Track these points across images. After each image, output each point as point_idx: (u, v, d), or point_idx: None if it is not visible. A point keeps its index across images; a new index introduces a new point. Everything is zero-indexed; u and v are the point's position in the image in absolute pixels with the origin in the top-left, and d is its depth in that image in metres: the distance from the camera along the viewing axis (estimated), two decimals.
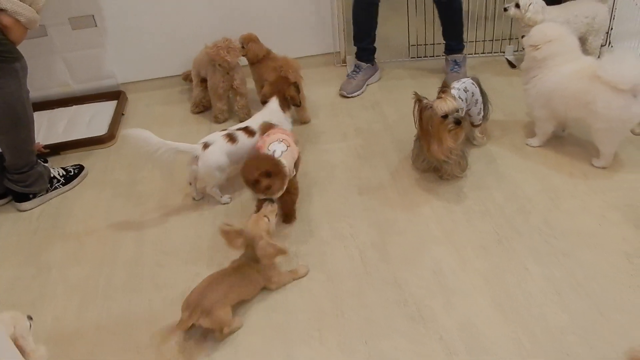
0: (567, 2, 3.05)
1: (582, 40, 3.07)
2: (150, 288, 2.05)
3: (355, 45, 3.19)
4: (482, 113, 2.50)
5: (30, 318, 1.50)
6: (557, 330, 1.73)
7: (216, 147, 2.28)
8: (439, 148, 2.22)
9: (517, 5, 2.90)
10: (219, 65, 2.79)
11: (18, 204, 2.51)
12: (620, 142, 2.35)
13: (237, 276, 1.87)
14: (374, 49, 3.18)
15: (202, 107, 3.08)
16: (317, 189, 2.44)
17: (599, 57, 3.02)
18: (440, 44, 3.24)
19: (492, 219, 2.18)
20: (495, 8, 3.35)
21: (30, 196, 2.50)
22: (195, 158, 2.26)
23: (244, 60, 2.94)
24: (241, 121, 2.57)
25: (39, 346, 1.47)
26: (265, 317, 1.89)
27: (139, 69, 3.32)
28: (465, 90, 2.39)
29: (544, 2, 2.90)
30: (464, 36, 3.12)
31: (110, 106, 3.15)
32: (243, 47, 2.88)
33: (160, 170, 2.60)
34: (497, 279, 1.93)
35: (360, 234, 2.18)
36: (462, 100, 2.36)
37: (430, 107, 2.17)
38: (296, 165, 2.21)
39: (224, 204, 2.41)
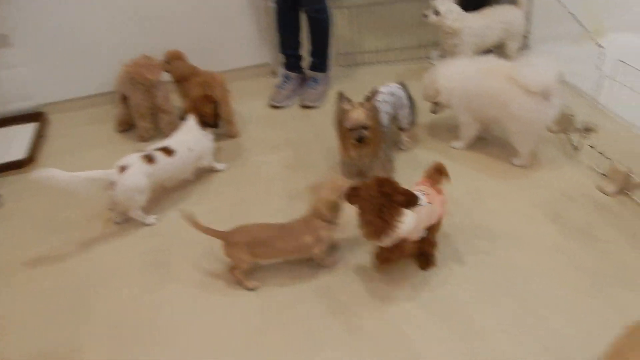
0: (485, 9, 3.17)
1: (501, 45, 3.21)
2: (74, 320, 1.96)
3: (280, 53, 3.19)
4: (409, 118, 2.55)
5: None
6: (483, 331, 1.77)
7: (134, 170, 2.21)
8: (345, 153, 2.28)
9: (437, 13, 2.99)
10: (140, 83, 2.72)
11: None
12: (536, 141, 2.45)
13: (284, 231, 1.95)
14: (300, 57, 3.19)
15: (127, 125, 2.99)
16: (249, 203, 2.41)
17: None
18: (370, 52, 3.30)
19: None
20: (419, 14, 3.44)
21: None
22: (112, 183, 2.19)
23: (168, 75, 2.88)
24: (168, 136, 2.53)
25: None
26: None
27: (60, 88, 3.19)
28: (392, 95, 2.44)
29: (461, 9, 3.00)
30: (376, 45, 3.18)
31: (29, 128, 3.01)
32: (168, 64, 2.83)
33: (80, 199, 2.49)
34: (424, 281, 1.96)
35: None
36: (389, 104, 2.40)
37: (344, 112, 2.20)
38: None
39: (149, 224, 2.34)
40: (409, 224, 1.76)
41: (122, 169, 2.20)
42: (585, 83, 2.58)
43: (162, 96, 2.81)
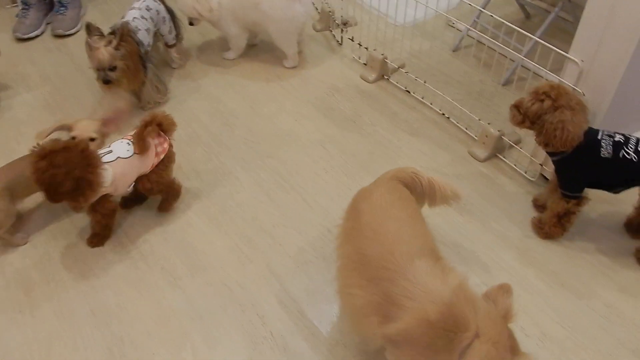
0: None
1: None
2: None
3: None
4: (173, 32, 2.41)
5: None
6: (270, 227, 1.85)
7: None
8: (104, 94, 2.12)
9: None
10: None
11: None
12: (299, 41, 2.51)
13: None
14: None
15: None
16: (2, 153, 2.12)
17: None
18: None
19: (201, 140, 2.18)
20: None
21: None
22: None
23: None
24: None
25: None
26: None
27: None
28: (148, 9, 2.26)
29: None
30: None
31: None
32: None
33: None
34: (209, 196, 1.96)
35: None
36: (148, 20, 2.23)
37: (91, 50, 2.01)
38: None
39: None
40: (107, 178, 1.61)
41: None
42: None
43: None
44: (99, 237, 1.78)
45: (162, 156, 1.75)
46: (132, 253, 1.77)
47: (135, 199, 1.89)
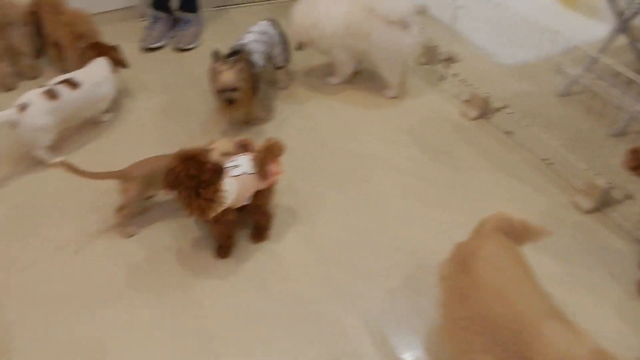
0: None
1: None
2: None
3: None
4: (283, 55, 2.55)
5: None
6: (359, 249, 1.89)
7: (35, 108, 2.07)
8: (221, 114, 2.28)
9: None
10: None
11: None
12: (403, 72, 2.56)
13: None
14: None
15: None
16: (125, 151, 2.32)
17: None
18: None
19: (299, 159, 2.26)
20: None
21: None
22: (14, 123, 2.05)
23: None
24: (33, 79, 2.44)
25: None
26: None
27: None
28: (263, 33, 2.41)
29: None
30: None
31: None
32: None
33: None
34: (302, 213, 2.02)
35: None
36: (262, 44, 2.38)
37: (215, 73, 2.16)
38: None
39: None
40: (232, 191, 1.70)
41: (22, 107, 2.06)
42: (445, 14, 2.72)
43: (17, 36, 2.58)
44: (223, 248, 1.86)
45: (275, 177, 1.83)
46: (228, 261, 1.87)
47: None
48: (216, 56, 2.18)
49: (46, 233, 1.96)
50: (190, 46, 2.98)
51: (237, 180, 1.72)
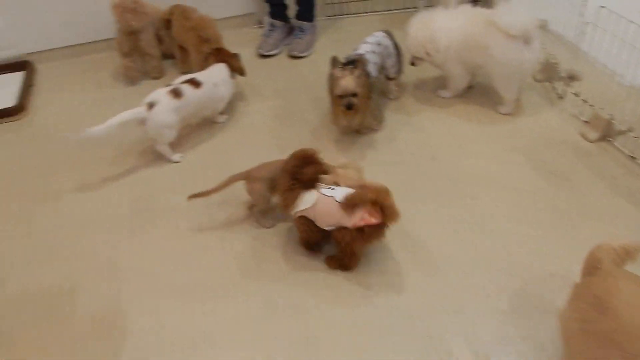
0: None
1: None
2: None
3: (265, 1, 3.15)
4: (396, 66, 2.57)
5: None
6: (466, 268, 1.86)
7: (162, 106, 2.26)
8: (335, 119, 2.32)
9: None
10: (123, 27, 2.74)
11: None
12: (519, 88, 2.49)
13: None
14: (286, 5, 3.16)
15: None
16: (238, 152, 2.45)
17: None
18: (355, 1, 3.27)
19: (407, 170, 2.27)
20: None
21: None
22: (142, 120, 2.25)
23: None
24: (155, 79, 2.69)
25: None
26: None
27: (45, 37, 3.15)
28: (379, 44, 2.45)
29: None
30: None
31: (16, 77, 2.99)
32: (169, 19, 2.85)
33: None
34: (408, 225, 2.02)
35: None
36: (377, 54, 2.41)
37: (336, 78, 2.22)
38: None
39: (175, 162, 2.41)
40: (308, 202, 1.78)
41: (150, 105, 2.24)
42: (568, 30, 2.60)
43: (146, 39, 2.81)
44: (336, 260, 1.87)
45: (362, 224, 1.72)
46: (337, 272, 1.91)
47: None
48: (335, 62, 2.24)
49: (162, 224, 2.12)
50: (304, 54, 3.08)
51: (319, 199, 1.78)
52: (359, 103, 2.23)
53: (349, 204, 1.73)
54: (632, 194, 2.08)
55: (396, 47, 2.55)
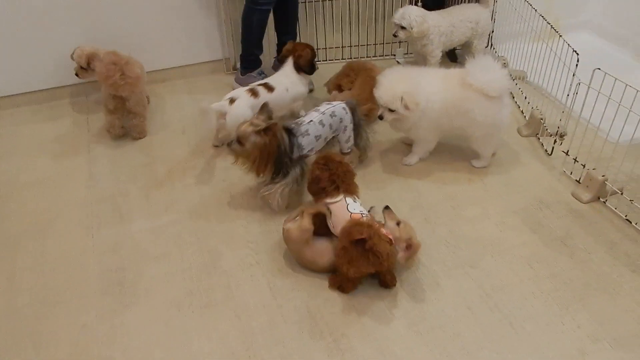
0: (451, 8, 3.11)
1: (468, 44, 3.17)
2: None
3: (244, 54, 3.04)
4: (350, 141, 2.37)
5: None
6: (473, 348, 1.72)
7: (241, 102, 2.43)
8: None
9: (402, 28, 2.88)
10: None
11: None
12: (499, 143, 2.48)
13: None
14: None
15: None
16: (220, 209, 2.27)
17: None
18: (330, 48, 3.19)
19: None
20: (384, 10, 3.36)
21: None
22: (224, 113, 2.42)
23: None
24: (135, 139, 2.68)
25: None
26: None
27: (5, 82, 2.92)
28: (332, 116, 2.25)
29: (424, 11, 2.90)
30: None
31: None
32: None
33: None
34: (408, 297, 1.88)
35: (264, 260, 2.06)
36: (325, 127, 2.23)
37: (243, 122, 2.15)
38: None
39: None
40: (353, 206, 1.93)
41: (232, 100, 2.44)
42: (554, 87, 2.57)
43: (135, 101, 2.64)
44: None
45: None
46: (327, 340, 1.74)
47: None
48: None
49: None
50: None
51: (339, 205, 1.94)
52: (242, 154, 2.11)
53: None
54: (633, 261, 2.01)
55: (355, 122, 2.35)
